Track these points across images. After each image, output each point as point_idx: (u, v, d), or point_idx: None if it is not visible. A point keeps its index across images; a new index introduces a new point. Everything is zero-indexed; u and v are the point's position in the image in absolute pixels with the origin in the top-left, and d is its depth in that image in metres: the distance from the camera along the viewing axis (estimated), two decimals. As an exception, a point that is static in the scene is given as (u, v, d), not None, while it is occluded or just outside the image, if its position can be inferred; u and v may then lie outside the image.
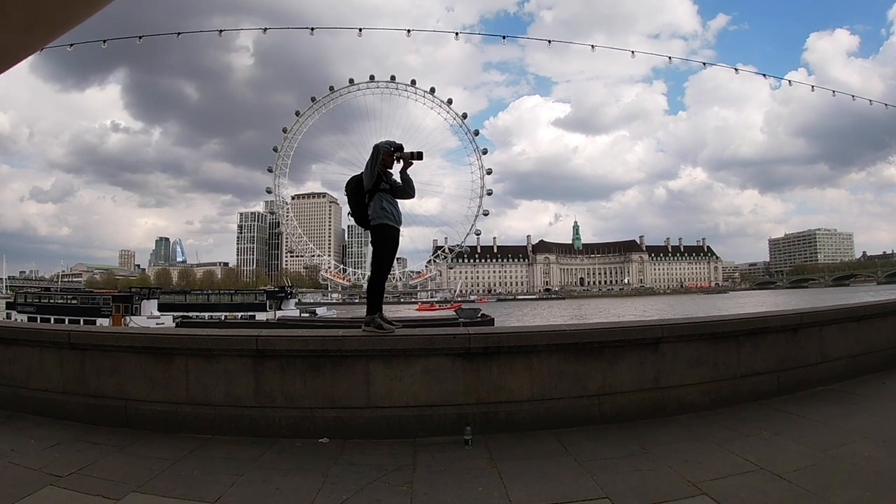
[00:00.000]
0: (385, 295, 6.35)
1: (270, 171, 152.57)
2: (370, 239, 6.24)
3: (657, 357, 5.84)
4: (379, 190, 6.00)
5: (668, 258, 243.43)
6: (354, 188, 6.27)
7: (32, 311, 49.11)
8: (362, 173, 6.18)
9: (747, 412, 5.85)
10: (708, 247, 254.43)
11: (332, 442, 5.18)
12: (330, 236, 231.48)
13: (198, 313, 51.62)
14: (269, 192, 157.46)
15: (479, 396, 5.36)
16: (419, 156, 6.10)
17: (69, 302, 53.61)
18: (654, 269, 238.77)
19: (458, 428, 5.09)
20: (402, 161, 6.08)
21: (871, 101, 28.24)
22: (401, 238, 6.35)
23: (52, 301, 54.15)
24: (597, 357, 5.65)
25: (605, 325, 6.68)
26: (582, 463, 4.62)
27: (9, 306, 55.17)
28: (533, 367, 5.47)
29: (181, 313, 49.66)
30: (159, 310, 52.19)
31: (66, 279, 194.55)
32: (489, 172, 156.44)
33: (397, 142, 6.15)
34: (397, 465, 4.64)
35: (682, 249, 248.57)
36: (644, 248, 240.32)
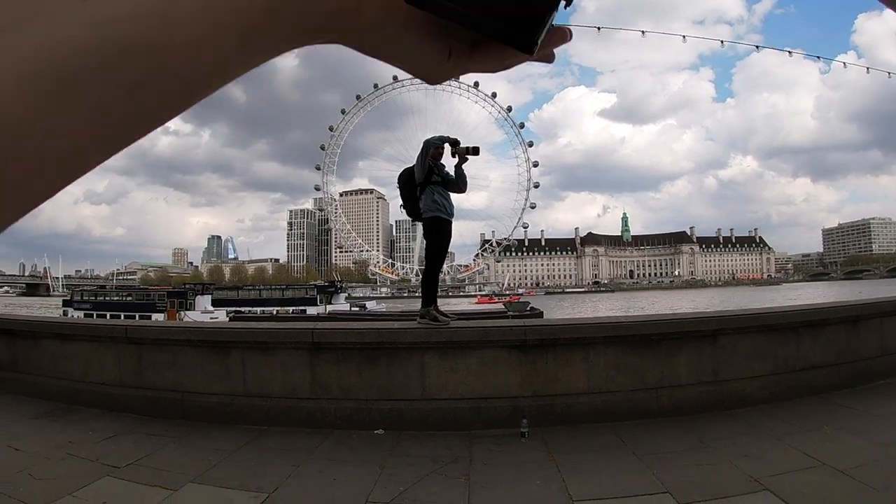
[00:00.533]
0: None
1: (318, 168, 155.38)
2: (422, 232, 6.28)
3: (715, 349, 5.71)
4: (430, 183, 6.02)
5: (718, 249, 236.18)
6: (406, 181, 6.30)
7: (88, 308, 50.26)
8: (413, 166, 6.22)
9: (807, 406, 5.68)
10: (760, 237, 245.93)
11: (387, 433, 5.21)
12: (378, 231, 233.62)
13: (250, 308, 52.71)
14: (317, 189, 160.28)
15: (535, 389, 5.31)
16: (475, 151, 6.04)
17: (125, 298, 55.22)
18: (705, 261, 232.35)
19: (514, 420, 5.04)
20: (457, 156, 6.04)
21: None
22: None
23: (107, 298, 55.82)
24: (654, 349, 5.53)
25: (662, 318, 6.42)
26: (641, 457, 4.52)
27: (65, 304, 56.66)
28: (589, 359, 5.39)
29: (234, 308, 50.85)
30: (213, 305, 53.29)
31: (120, 277, 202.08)
32: (536, 165, 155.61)
33: (453, 136, 6.12)
34: (453, 457, 4.62)
35: (734, 240, 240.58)
36: (694, 240, 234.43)
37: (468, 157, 6.05)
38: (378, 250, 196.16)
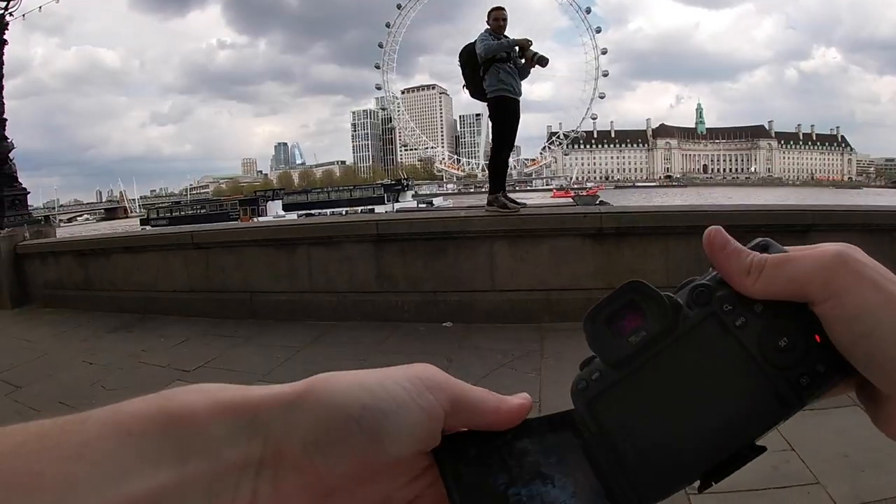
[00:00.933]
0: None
1: (378, 67, 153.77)
2: (488, 114, 5.93)
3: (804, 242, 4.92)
4: (496, 60, 5.60)
5: (797, 146, 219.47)
6: (467, 59, 5.90)
7: (165, 224, 51.08)
8: (474, 42, 5.79)
9: None
10: (842, 136, 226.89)
11: (455, 326, 5.10)
12: (442, 127, 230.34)
13: (319, 210, 53.83)
14: (378, 88, 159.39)
15: (609, 280, 4.93)
16: (544, 61, 5.74)
17: (199, 211, 56.78)
18: (783, 158, 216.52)
19: (588, 313, 4.89)
20: (525, 60, 5.73)
21: None
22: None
23: (182, 213, 57.15)
24: (740, 241, 5.16)
25: (747, 207, 6.06)
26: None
27: (142, 223, 58.22)
28: (669, 250, 5.02)
29: (304, 211, 51.88)
30: (283, 210, 54.50)
31: (194, 192, 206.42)
32: (604, 52, 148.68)
33: (528, 38, 5.82)
34: (524, 350, 4.44)
35: (814, 138, 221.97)
36: (773, 135, 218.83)
37: (535, 66, 5.79)
38: (443, 146, 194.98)
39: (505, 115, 5.65)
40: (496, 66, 5.56)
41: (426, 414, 0.32)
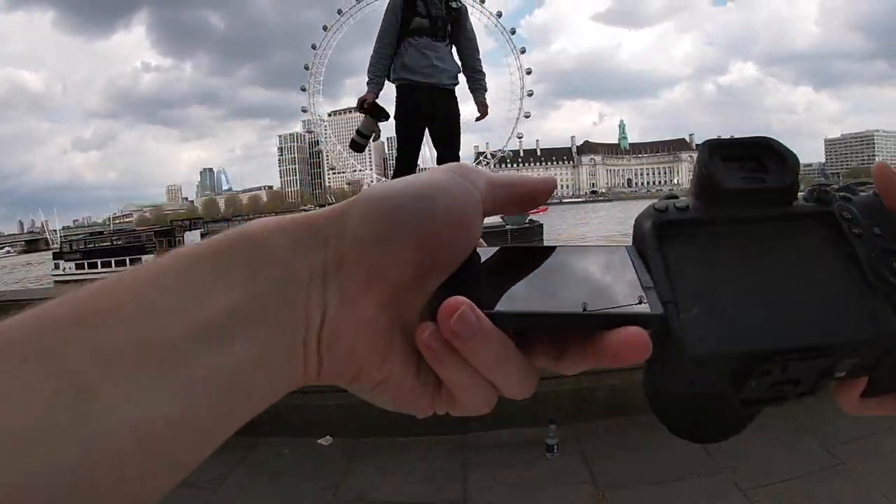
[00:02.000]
0: None
1: (304, 90, 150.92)
2: None
3: None
4: (408, 35, 4.36)
5: None
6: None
7: (80, 258, 48.31)
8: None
9: None
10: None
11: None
12: (369, 149, 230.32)
13: None
14: (304, 111, 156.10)
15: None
16: (377, 114, 4.57)
17: (114, 244, 53.18)
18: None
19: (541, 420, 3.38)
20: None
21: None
22: None
23: (97, 245, 53.43)
24: None
25: None
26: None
27: (56, 256, 54.09)
28: None
29: None
30: (202, 240, 52.49)
31: (117, 221, 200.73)
32: (529, 72, 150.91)
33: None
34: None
35: None
36: (694, 147, 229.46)
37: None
38: (371, 169, 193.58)
39: (404, 110, 4.41)
40: (407, 43, 4.35)
41: (469, 190, 0.32)
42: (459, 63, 4.42)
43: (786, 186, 0.32)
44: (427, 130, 4.46)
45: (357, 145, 4.69)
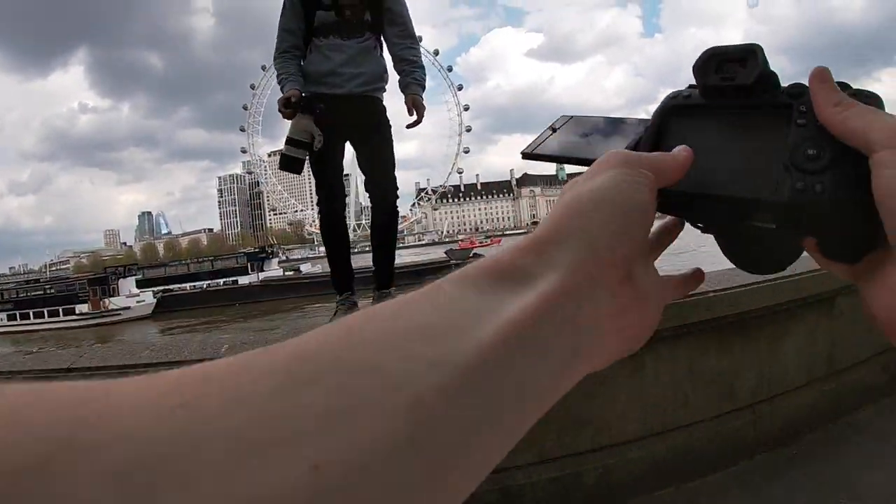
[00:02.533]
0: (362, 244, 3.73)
1: (243, 130, 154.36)
2: None
3: (831, 321, 3.31)
4: (313, 36, 3.32)
5: None
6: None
7: (11, 308, 46.99)
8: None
9: None
10: None
11: None
12: (311, 189, 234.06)
13: (179, 285, 50.95)
14: (244, 152, 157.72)
15: (540, 450, 2.59)
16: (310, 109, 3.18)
17: (47, 292, 50.98)
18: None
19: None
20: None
21: None
22: None
23: (30, 294, 50.99)
24: (752, 336, 3.01)
25: (764, 281, 3.21)
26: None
27: None
28: (645, 368, 2.71)
29: (162, 287, 49.06)
30: (139, 286, 50.82)
31: (53, 268, 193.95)
32: (466, 109, 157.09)
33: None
34: None
35: None
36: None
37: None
38: (312, 209, 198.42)
39: (324, 126, 3.18)
40: (312, 45, 3.32)
41: (645, 185, 0.36)
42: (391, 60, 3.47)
43: (749, 84, 0.40)
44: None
45: (291, 161, 3.23)
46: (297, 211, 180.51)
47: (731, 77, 0.41)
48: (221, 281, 49.80)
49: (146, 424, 0.18)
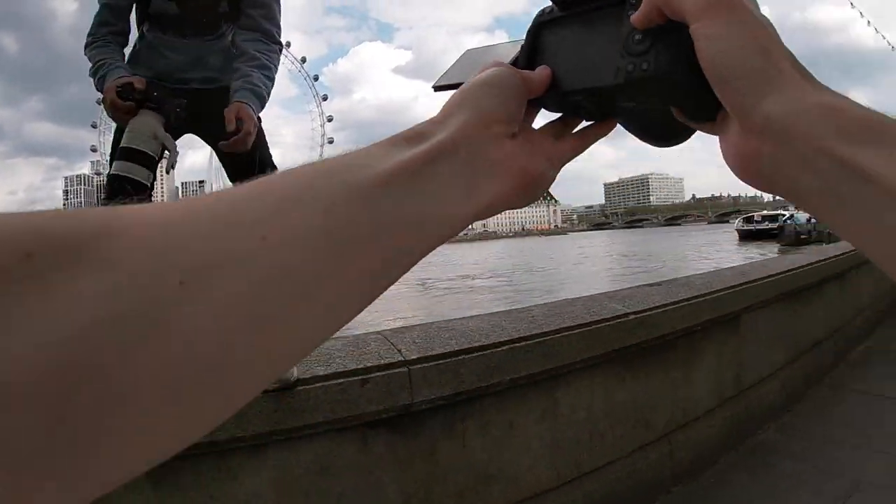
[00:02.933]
0: None
1: (95, 126, 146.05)
2: None
3: (738, 340, 3.18)
4: (147, 22, 2.31)
5: None
6: None
7: None
8: None
9: (827, 402, 3.71)
10: (547, 191, 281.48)
11: None
12: (163, 193, 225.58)
13: None
14: (94, 150, 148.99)
15: None
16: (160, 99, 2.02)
17: None
18: (496, 214, 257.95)
19: None
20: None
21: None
22: None
23: None
24: (668, 360, 2.67)
25: (682, 301, 2.84)
26: None
27: None
28: (558, 407, 2.21)
29: None
30: None
31: None
32: (330, 119, 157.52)
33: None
34: None
35: None
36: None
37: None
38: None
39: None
40: (140, 35, 2.34)
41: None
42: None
43: None
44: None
45: (124, 186, 1.93)
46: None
47: None
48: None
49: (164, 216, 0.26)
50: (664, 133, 0.50)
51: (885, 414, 3.50)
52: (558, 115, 0.50)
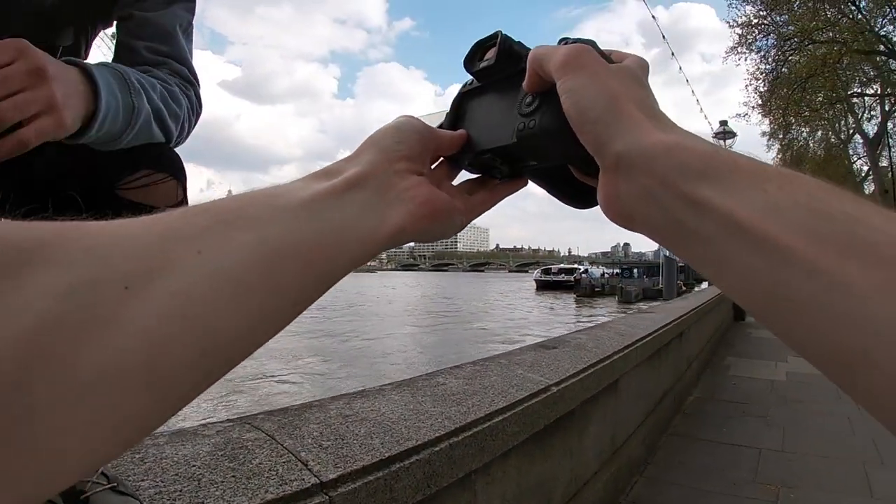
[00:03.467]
0: None
1: None
2: None
3: (616, 401, 3.11)
4: None
5: None
6: None
7: None
8: None
9: (680, 450, 3.88)
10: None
11: None
12: None
13: None
14: None
15: None
16: None
17: None
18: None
19: None
20: None
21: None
22: None
23: None
24: (568, 429, 2.41)
25: (588, 367, 2.58)
26: None
27: None
28: (476, 501, 1.73)
29: None
30: None
31: None
32: None
33: None
34: None
35: None
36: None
37: None
38: None
39: None
40: None
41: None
42: None
43: (494, 63, 0.50)
44: None
45: None
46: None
47: (486, 60, 0.51)
48: None
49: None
50: (574, 193, 0.53)
51: (732, 458, 3.73)
52: (478, 174, 0.54)
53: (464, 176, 0.55)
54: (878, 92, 19.75)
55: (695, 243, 0.33)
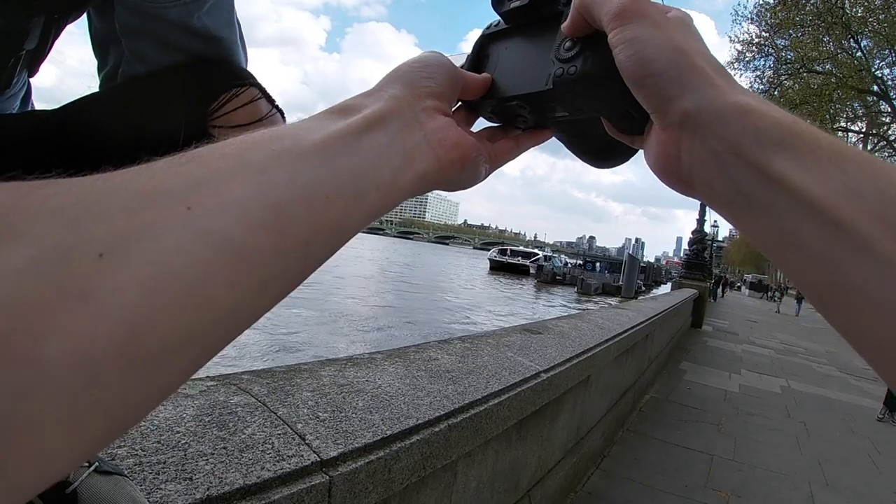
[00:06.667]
0: None
1: None
2: None
3: (587, 392, 3.11)
4: None
5: None
6: None
7: None
8: None
9: (637, 448, 3.94)
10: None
11: None
12: None
13: None
14: None
15: None
16: None
17: None
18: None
19: None
20: None
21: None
22: None
23: None
24: (543, 416, 2.37)
25: (574, 357, 2.57)
26: None
27: None
28: (456, 482, 1.69)
29: None
30: None
31: None
32: None
33: None
34: None
35: None
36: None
37: None
38: None
39: None
40: None
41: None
42: None
43: (526, 3, 0.47)
44: None
45: None
46: None
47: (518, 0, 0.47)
48: None
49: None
50: (601, 150, 0.50)
51: (685, 461, 3.81)
52: (499, 124, 0.50)
53: (480, 124, 0.51)
54: (864, 130, 19.97)
55: (760, 217, 0.31)
